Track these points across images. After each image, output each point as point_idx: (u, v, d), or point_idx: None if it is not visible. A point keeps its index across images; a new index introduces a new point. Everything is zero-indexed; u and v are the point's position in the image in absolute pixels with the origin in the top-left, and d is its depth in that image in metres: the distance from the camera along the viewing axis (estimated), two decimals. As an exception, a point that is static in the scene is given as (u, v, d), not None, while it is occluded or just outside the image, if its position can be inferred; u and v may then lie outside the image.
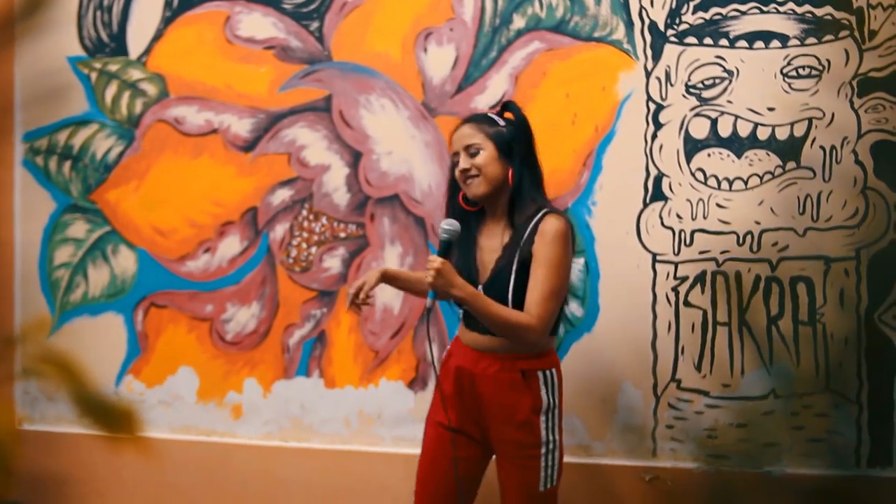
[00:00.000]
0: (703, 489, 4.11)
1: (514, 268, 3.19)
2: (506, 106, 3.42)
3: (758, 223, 4.06)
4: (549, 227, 3.18)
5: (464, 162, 3.28)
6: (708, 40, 4.11)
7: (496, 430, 3.25)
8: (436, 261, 3.08)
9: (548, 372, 3.25)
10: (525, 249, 3.20)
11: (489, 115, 3.38)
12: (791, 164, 4.04)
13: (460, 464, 3.28)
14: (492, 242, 3.31)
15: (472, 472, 3.35)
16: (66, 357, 1.61)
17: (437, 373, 3.39)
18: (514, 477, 3.22)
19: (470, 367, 3.27)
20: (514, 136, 3.31)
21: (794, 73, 4.04)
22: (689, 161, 4.13)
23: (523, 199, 3.28)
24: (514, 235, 3.26)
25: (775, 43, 4.05)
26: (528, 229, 3.22)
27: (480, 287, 3.24)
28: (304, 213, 4.54)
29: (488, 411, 3.25)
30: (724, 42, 4.09)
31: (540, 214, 3.23)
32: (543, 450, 3.19)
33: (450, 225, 3.17)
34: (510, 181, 3.27)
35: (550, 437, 3.21)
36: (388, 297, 4.45)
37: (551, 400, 3.24)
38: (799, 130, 4.04)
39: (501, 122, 3.33)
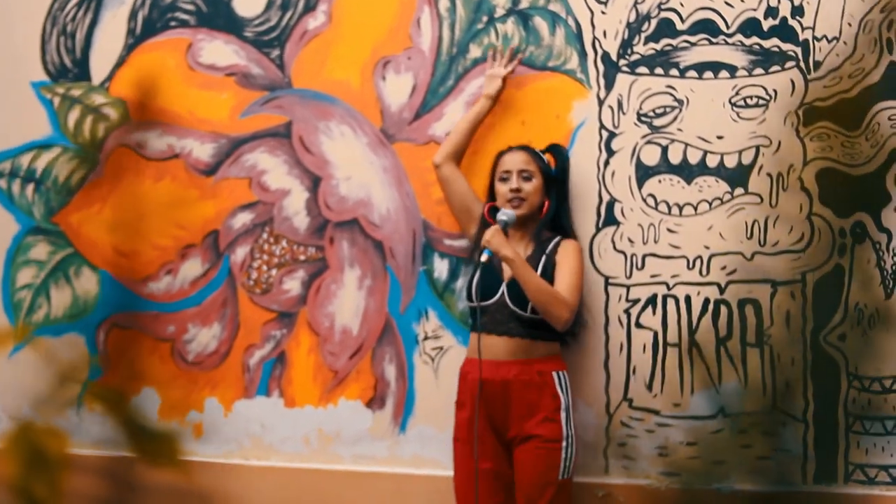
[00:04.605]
0: (654, 506, 4.19)
1: (539, 270, 3.82)
2: (553, 149, 4.12)
3: (707, 248, 4.15)
4: (570, 244, 3.96)
5: (516, 182, 3.92)
6: (659, 70, 4.20)
7: (519, 428, 3.75)
8: (493, 227, 3.78)
9: (561, 373, 3.85)
10: (550, 256, 3.88)
11: (539, 152, 4.05)
12: (739, 191, 4.12)
13: (487, 475, 3.78)
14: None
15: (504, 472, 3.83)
16: (113, 390, 1.67)
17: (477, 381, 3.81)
18: (536, 465, 3.70)
19: (490, 377, 3.78)
20: (556, 177, 4.04)
21: (741, 102, 4.13)
22: (640, 187, 4.21)
23: (548, 227, 3.99)
24: (537, 247, 3.93)
25: (724, 73, 4.15)
26: (552, 243, 3.93)
27: (504, 284, 3.84)
28: (265, 236, 4.59)
29: (512, 411, 3.78)
30: (674, 72, 4.19)
31: (559, 237, 3.97)
32: (565, 443, 3.75)
33: (507, 213, 3.87)
34: (543, 214, 3.96)
35: (569, 432, 3.78)
36: (346, 319, 4.51)
37: (566, 398, 3.82)
38: (747, 158, 4.12)
39: (546, 162, 4.04)
